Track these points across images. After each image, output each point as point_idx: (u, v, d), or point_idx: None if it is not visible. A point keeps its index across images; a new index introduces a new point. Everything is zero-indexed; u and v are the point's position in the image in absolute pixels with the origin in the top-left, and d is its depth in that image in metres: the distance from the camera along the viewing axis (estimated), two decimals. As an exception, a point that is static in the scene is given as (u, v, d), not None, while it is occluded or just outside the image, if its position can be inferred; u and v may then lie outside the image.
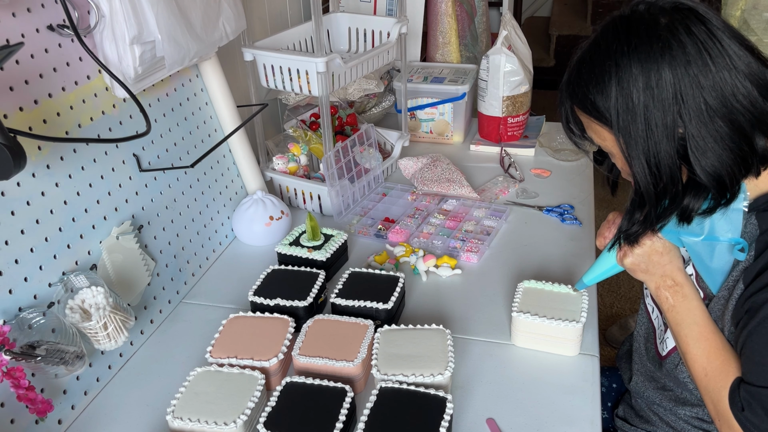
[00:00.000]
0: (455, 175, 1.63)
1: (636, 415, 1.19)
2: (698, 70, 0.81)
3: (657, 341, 1.09)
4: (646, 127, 0.84)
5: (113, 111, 1.12)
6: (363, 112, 1.93)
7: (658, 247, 0.96)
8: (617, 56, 0.85)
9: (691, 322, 0.93)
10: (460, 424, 0.98)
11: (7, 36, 0.91)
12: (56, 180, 0.99)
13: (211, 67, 1.36)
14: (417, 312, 1.22)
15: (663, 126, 0.83)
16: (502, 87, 1.74)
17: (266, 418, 0.91)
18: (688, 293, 0.95)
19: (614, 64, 0.85)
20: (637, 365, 1.17)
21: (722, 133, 0.82)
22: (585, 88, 0.89)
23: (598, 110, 0.88)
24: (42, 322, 0.91)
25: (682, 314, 0.94)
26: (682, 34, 0.82)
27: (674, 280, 0.96)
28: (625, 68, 0.84)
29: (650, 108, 0.83)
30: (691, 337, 0.93)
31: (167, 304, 1.24)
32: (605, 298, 2.57)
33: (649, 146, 0.85)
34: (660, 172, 0.86)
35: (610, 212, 1.17)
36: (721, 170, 0.83)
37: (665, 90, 0.82)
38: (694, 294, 0.95)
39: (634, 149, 0.86)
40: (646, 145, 0.85)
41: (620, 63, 0.84)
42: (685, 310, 0.94)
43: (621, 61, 0.84)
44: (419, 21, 2.08)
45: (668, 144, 0.84)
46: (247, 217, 1.41)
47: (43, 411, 0.89)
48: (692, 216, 0.89)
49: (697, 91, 0.81)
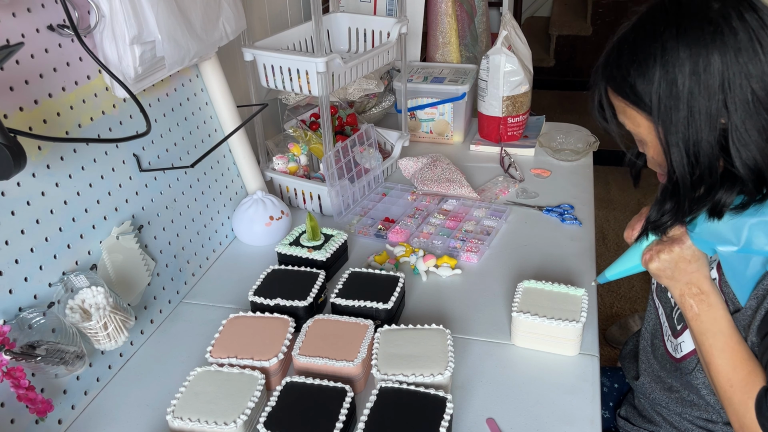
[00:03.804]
0: (455, 175, 1.63)
1: (639, 415, 1.19)
2: (748, 58, 0.78)
3: (665, 339, 1.08)
4: (689, 114, 0.81)
5: (113, 111, 1.12)
6: (363, 112, 1.93)
7: (687, 255, 0.91)
8: (664, 39, 0.81)
9: (717, 331, 0.89)
10: (460, 424, 0.98)
11: (7, 36, 0.91)
12: (56, 180, 0.99)
13: (211, 67, 1.36)
14: (417, 312, 1.22)
15: (707, 114, 0.80)
16: (502, 87, 1.74)
17: (266, 418, 0.91)
18: (713, 302, 0.91)
19: (660, 47, 0.81)
20: (644, 365, 1.16)
21: (766, 125, 0.80)
22: (625, 70, 0.86)
23: (637, 94, 0.85)
24: (42, 322, 0.91)
25: (707, 323, 0.90)
26: (734, 19, 0.79)
27: (700, 288, 0.91)
28: (671, 51, 0.81)
29: (695, 95, 0.80)
30: (716, 348, 0.89)
31: (167, 304, 1.24)
32: (605, 298, 2.57)
33: (690, 134, 0.82)
34: (698, 162, 0.83)
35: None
36: (762, 164, 0.81)
37: (712, 77, 0.79)
38: (720, 303, 0.91)
39: (673, 136, 0.83)
40: (686, 134, 0.82)
41: (667, 46, 0.81)
42: (710, 320, 0.90)
43: (668, 44, 0.81)
44: (419, 21, 2.08)
45: (710, 133, 0.81)
46: (247, 217, 1.42)
47: (43, 411, 0.89)
48: (723, 210, 0.86)
49: (745, 80, 0.79)
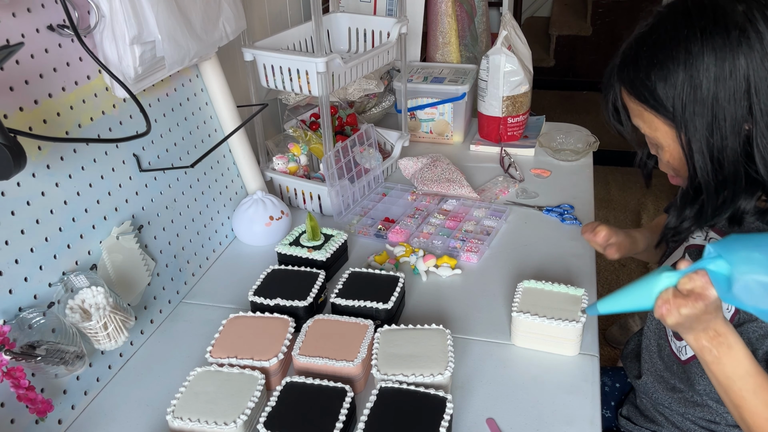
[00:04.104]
0: (455, 175, 1.63)
1: (641, 415, 1.19)
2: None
3: (669, 340, 1.07)
4: (713, 120, 0.79)
5: (113, 111, 1.12)
6: (363, 112, 1.93)
7: (711, 309, 0.82)
8: (688, 42, 0.79)
9: (743, 373, 0.84)
10: (460, 424, 0.98)
11: (7, 36, 0.91)
12: (56, 180, 0.99)
13: (211, 67, 1.36)
14: (417, 312, 1.22)
15: (732, 120, 0.79)
16: (502, 87, 1.74)
17: (266, 418, 0.91)
18: (732, 343, 0.84)
19: (684, 51, 0.79)
20: (647, 364, 1.14)
21: None
22: (644, 73, 0.83)
23: (657, 99, 0.83)
24: (42, 322, 0.91)
25: (730, 367, 0.84)
26: (759, 23, 0.77)
27: (716, 330, 0.84)
28: (696, 56, 0.78)
29: (720, 100, 0.78)
30: (746, 390, 0.83)
31: (167, 304, 1.24)
32: (605, 298, 2.56)
33: (714, 141, 0.80)
34: (722, 168, 0.81)
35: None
36: None
37: (738, 82, 0.77)
38: (739, 342, 0.84)
39: (696, 143, 0.81)
40: (711, 140, 0.80)
41: (692, 50, 0.78)
42: (733, 363, 0.84)
43: (692, 48, 0.78)
44: (419, 21, 2.08)
45: (734, 139, 0.79)
46: (247, 217, 1.42)
47: (43, 411, 0.89)
48: (744, 217, 0.84)
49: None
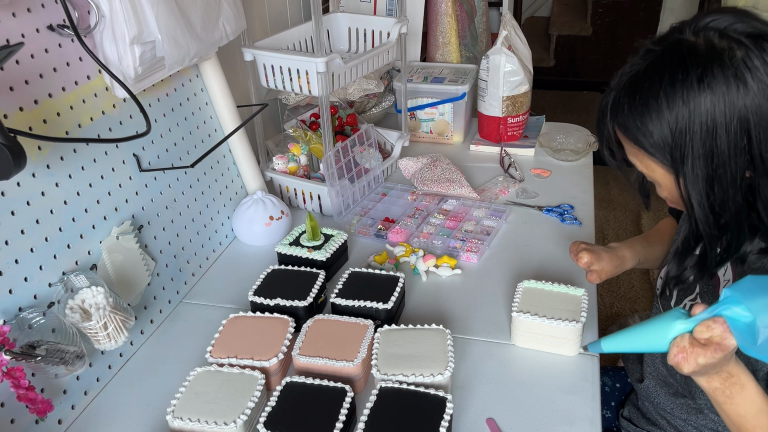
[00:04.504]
0: (455, 175, 1.63)
1: (642, 417, 1.18)
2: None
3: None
4: (713, 173, 0.76)
5: (113, 111, 1.12)
6: (363, 112, 1.93)
7: (729, 359, 0.79)
8: (686, 90, 0.76)
9: (757, 411, 0.82)
10: (460, 424, 0.98)
11: (7, 36, 0.91)
12: (56, 180, 0.99)
13: (211, 67, 1.36)
14: (417, 312, 1.22)
15: (732, 171, 0.76)
16: (502, 87, 1.74)
17: (266, 418, 0.91)
18: (744, 382, 0.81)
19: (681, 99, 0.76)
20: (650, 368, 1.13)
21: None
22: (639, 119, 0.80)
23: (653, 145, 0.80)
24: (42, 322, 0.91)
25: (744, 405, 0.82)
26: (759, 71, 0.75)
27: (729, 372, 0.81)
28: (695, 105, 0.75)
29: (719, 150, 0.76)
30: (760, 427, 0.82)
31: (167, 304, 1.24)
32: (605, 298, 2.57)
33: (715, 194, 0.77)
34: (723, 218, 0.79)
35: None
36: None
37: (738, 133, 0.75)
38: (751, 379, 0.82)
39: (695, 195, 0.79)
40: (711, 193, 0.78)
41: (689, 98, 0.76)
42: (746, 402, 0.82)
43: (690, 96, 0.76)
44: (419, 21, 2.08)
45: (735, 191, 0.77)
46: (247, 217, 1.42)
47: (43, 411, 0.89)
48: (747, 257, 0.83)
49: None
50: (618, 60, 4.54)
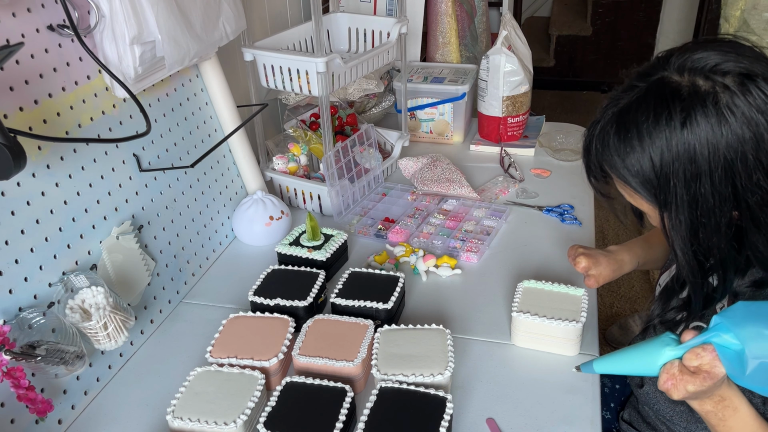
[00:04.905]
0: (455, 175, 1.63)
1: (643, 421, 1.16)
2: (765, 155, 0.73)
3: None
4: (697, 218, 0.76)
5: (113, 111, 1.12)
6: (363, 112, 1.93)
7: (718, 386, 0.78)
8: (670, 132, 0.75)
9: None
10: (460, 424, 0.98)
11: (7, 36, 0.91)
12: (56, 180, 0.99)
13: (211, 67, 1.36)
14: (417, 312, 1.22)
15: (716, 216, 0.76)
16: (502, 87, 1.74)
17: (266, 418, 0.91)
18: (737, 405, 0.81)
19: (665, 139, 0.76)
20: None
21: None
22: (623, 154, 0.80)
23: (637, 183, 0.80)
24: (42, 322, 0.91)
25: (737, 428, 0.81)
26: (745, 115, 0.74)
27: (720, 395, 0.81)
28: (679, 148, 0.75)
29: (704, 197, 0.75)
30: None
31: (167, 304, 1.24)
32: (605, 298, 2.57)
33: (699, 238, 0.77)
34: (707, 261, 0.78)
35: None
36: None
37: (723, 180, 0.74)
38: (743, 401, 0.81)
39: (678, 241, 0.78)
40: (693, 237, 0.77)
41: (672, 140, 0.75)
42: (740, 424, 0.81)
43: (672, 138, 0.75)
44: (419, 21, 2.08)
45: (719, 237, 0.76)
46: (247, 217, 1.42)
47: (43, 411, 0.89)
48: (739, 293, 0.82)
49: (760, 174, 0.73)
50: (618, 60, 4.54)
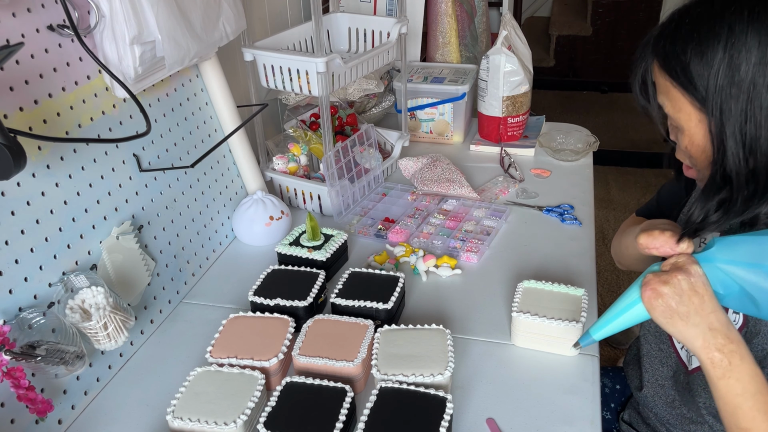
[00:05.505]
0: (455, 175, 1.63)
1: (643, 422, 1.17)
2: None
3: (675, 344, 1.04)
4: (748, 106, 0.75)
5: (113, 111, 1.12)
6: (363, 112, 1.93)
7: (698, 287, 0.75)
8: (733, 20, 0.75)
9: (755, 391, 0.77)
10: (460, 424, 0.98)
11: (7, 36, 0.91)
12: (56, 180, 0.99)
13: (211, 67, 1.36)
14: (417, 312, 1.22)
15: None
16: (502, 87, 1.74)
17: (266, 418, 0.91)
18: (745, 354, 0.77)
19: (727, 29, 0.75)
20: (648, 374, 1.11)
21: None
22: (681, 47, 0.79)
23: (689, 76, 0.78)
24: (42, 322, 0.91)
25: (742, 382, 0.77)
26: None
27: (727, 336, 0.77)
28: (739, 35, 0.74)
29: (758, 86, 0.74)
30: (757, 410, 0.77)
31: (167, 304, 1.24)
32: (605, 298, 2.57)
33: (748, 129, 0.76)
34: (755, 157, 0.77)
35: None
36: None
37: None
38: (750, 355, 0.78)
39: (729, 126, 0.77)
40: (744, 127, 0.76)
41: (735, 28, 0.75)
42: (746, 377, 0.77)
43: (736, 27, 0.75)
44: (419, 21, 2.08)
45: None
46: (247, 217, 1.42)
47: (43, 411, 0.89)
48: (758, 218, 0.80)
49: None
50: (618, 60, 4.53)
